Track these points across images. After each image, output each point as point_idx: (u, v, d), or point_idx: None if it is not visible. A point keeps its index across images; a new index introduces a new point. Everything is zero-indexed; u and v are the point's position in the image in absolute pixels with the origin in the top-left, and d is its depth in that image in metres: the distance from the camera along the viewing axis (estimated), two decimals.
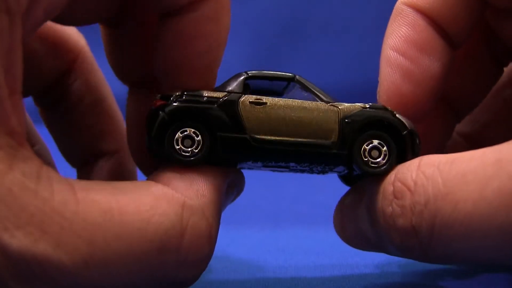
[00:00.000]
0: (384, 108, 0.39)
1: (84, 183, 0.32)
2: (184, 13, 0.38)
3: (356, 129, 0.39)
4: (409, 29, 0.42)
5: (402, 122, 0.39)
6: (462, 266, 0.47)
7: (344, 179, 0.43)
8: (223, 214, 0.38)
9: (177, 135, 0.37)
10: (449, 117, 0.47)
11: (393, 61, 0.41)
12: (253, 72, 0.40)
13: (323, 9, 1.16)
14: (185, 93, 0.38)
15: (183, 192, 0.35)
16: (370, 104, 0.39)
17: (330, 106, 0.39)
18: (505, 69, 0.47)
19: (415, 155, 0.38)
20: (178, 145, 0.37)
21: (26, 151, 0.31)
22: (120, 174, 0.49)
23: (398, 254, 0.37)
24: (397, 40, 0.42)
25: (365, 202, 0.38)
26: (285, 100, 0.39)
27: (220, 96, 0.38)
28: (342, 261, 0.50)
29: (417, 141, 0.39)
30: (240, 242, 0.55)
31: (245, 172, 0.42)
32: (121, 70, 0.44)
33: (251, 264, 0.49)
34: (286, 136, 0.38)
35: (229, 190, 0.39)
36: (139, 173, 0.48)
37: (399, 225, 0.35)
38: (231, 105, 0.38)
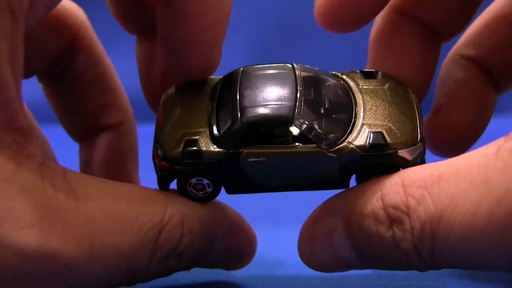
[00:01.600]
0: (384, 146, 0.37)
1: (79, 177, 0.33)
2: None
3: (354, 172, 0.38)
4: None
5: (401, 161, 0.37)
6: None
7: None
8: None
9: (187, 184, 0.38)
10: (433, 40, 0.46)
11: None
12: (246, 123, 0.37)
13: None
14: (185, 152, 0.37)
15: (172, 197, 0.37)
16: (370, 143, 0.37)
17: (328, 154, 0.37)
18: None
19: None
20: (189, 187, 0.38)
21: (32, 146, 0.31)
22: (121, 148, 0.49)
23: (396, 269, 0.38)
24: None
25: (342, 228, 0.38)
26: (283, 150, 0.37)
27: (220, 156, 0.37)
28: None
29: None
30: None
31: None
32: (126, 18, 0.45)
33: (251, 264, 0.49)
34: (288, 182, 0.38)
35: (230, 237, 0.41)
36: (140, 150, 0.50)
37: (403, 247, 0.35)
38: (232, 163, 0.37)
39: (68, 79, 0.48)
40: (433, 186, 0.33)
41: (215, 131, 0.38)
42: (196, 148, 0.37)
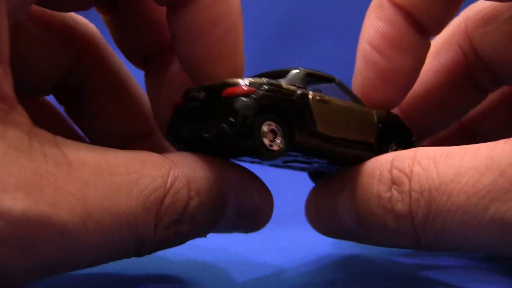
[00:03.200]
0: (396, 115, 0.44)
1: (74, 144, 0.32)
2: (190, 2, 0.38)
3: (386, 134, 0.42)
4: (387, 25, 0.42)
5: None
6: (461, 263, 0.48)
7: (313, 174, 0.45)
8: None
9: (263, 128, 0.37)
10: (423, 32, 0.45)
11: (368, 57, 0.42)
12: (307, 69, 0.41)
13: (323, 8, 1.16)
14: (268, 82, 0.37)
15: (175, 161, 0.36)
16: (386, 111, 0.43)
17: (368, 110, 0.42)
18: None
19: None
20: (264, 137, 0.37)
21: (18, 114, 0.31)
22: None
23: (387, 241, 0.38)
24: (374, 35, 0.42)
25: (348, 190, 0.39)
26: (339, 100, 0.41)
27: (294, 90, 0.38)
28: (343, 261, 0.50)
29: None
30: (240, 242, 0.55)
31: None
32: (129, 49, 0.45)
33: (251, 264, 0.49)
34: (342, 134, 0.40)
35: (242, 198, 0.39)
36: None
37: (397, 209, 0.36)
38: (305, 100, 0.39)
39: (87, 95, 0.48)
40: (440, 157, 0.35)
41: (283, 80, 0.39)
42: (276, 81, 0.38)
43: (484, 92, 0.51)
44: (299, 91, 0.38)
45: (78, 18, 0.47)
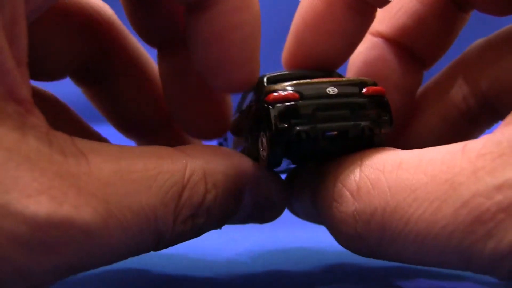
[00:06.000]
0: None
1: (91, 144, 0.32)
2: (211, 6, 0.38)
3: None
4: None
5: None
6: None
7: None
8: None
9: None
10: (415, 66, 0.45)
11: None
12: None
13: None
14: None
15: (190, 154, 0.36)
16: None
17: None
18: None
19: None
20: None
21: (35, 117, 0.31)
22: (185, 140, 0.49)
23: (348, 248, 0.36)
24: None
25: (309, 191, 0.38)
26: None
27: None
28: (343, 261, 0.50)
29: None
30: (240, 242, 0.55)
31: None
32: (146, 31, 0.44)
33: (251, 264, 0.49)
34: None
35: (257, 192, 0.39)
36: None
37: (342, 230, 0.34)
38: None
39: (110, 78, 0.47)
40: (391, 172, 0.32)
41: None
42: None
43: (465, 12, 0.47)
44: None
45: (93, 1, 0.46)
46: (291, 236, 0.58)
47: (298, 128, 0.35)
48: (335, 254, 0.52)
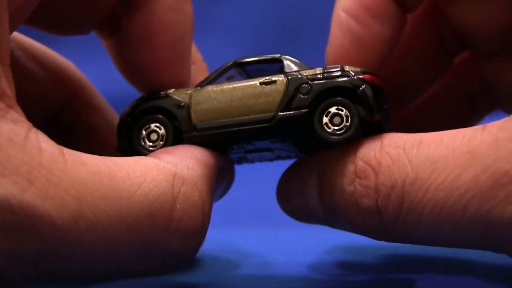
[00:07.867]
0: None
1: (74, 150, 0.32)
2: (143, 6, 0.38)
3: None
4: None
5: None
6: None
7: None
8: (223, 214, 0.38)
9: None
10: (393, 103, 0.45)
11: (344, 24, 0.40)
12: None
13: (323, 8, 1.16)
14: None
15: (175, 164, 0.35)
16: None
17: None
18: None
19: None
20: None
21: (16, 114, 0.31)
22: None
23: (354, 231, 0.37)
24: (350, 2, 0.40)
25: (316, 179, 0.38)
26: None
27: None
28: (344, 261, 0.50)
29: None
30: (240, 242, 0.55)
31: (247, 173, 0.42)
32: (131, 76, 0.44)
33: (251, 264, 0.49)
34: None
35: (220, 176, 0.39)
36: None
37: (362, 205, 0.34)
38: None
39: (77, 130, 0.49)
40: (412, 149, 0.33)
41: None
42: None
43: (451, 57, 0.48)
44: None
45: (67, 61, 0.48)
46: (291, 236, 0.58)
47: (385, 107, 0.38)
48: (335, 254, 0.52)
